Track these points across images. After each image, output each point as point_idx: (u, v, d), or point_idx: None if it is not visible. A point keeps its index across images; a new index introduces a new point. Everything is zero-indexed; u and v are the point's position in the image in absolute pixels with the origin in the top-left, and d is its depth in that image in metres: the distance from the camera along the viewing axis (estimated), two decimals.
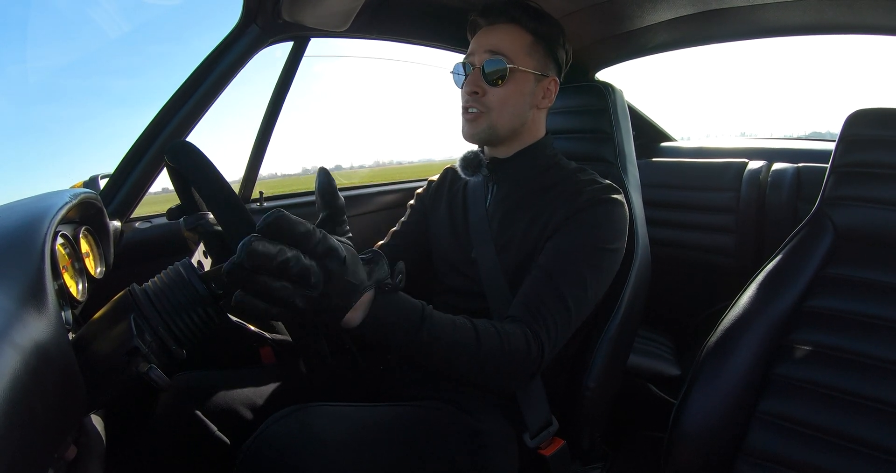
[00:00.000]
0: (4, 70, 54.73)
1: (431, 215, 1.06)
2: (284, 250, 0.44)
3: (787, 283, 0.85)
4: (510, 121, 0.89)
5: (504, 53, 0.86)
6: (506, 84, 0.87)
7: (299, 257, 0.45)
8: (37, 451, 0.36)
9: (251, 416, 0.83)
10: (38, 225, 0.52)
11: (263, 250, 0.43)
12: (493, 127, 0.89)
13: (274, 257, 0.43)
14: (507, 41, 0.88)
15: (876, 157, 0.85)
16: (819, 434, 0.74)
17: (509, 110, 0.89)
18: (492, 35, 0.89)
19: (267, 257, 0.43)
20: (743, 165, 1.59)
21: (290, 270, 0.44)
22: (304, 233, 0.46)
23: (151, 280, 0.56)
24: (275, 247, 0.43)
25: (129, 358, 0.49)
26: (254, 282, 0.44)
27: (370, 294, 0.57)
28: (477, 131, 0.90)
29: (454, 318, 0.67)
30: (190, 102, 1.04)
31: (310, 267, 0.46)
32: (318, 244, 0.47)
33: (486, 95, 0.88)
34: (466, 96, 0.89)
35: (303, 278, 0.46)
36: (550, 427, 0.86)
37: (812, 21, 1.17)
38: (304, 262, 0.45)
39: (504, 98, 0.88)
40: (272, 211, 0.45)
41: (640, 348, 1.53)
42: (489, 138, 0.91)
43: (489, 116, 0.88)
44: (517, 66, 0.87)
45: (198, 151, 0.61)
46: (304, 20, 1.05)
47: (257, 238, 0.43)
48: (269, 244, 0.43)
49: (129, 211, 1.06)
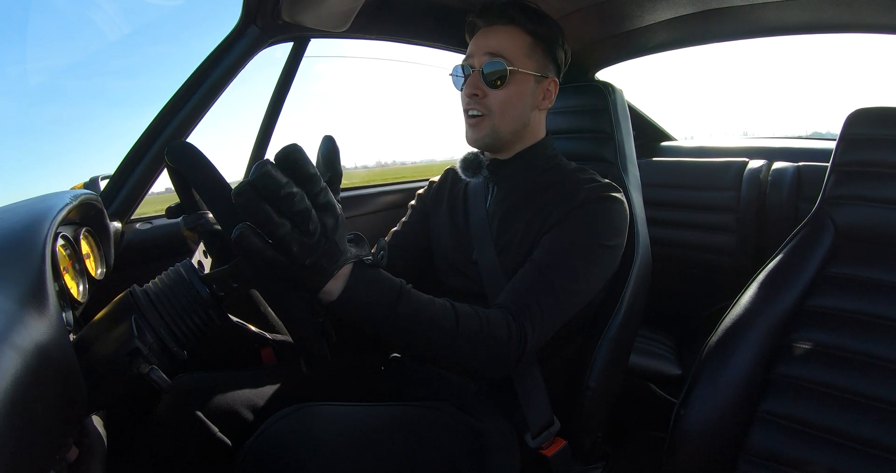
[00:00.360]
0: (4, 70, 54.50)
1: (432, 216, 1.06)
2: (292, 183, 0.44)
3: (788, 282, 0.85)
4: (512, 123, 0.89)
5: (503, 55, 0.86)
6: (506, 86, 0.87)
7: (304, 196, 0.45)
8: (38, 452, 0.36)
9: (252, 417, 0.83)
10: (38, 226, 0.52)
11: (276, 176, 0.43)
12: (496, 130, 0.88)
13: (282, 187, 0.43)
14: (506, 43, 0.87)
15: (876, 156, 0.85)
16: (820, 433, 0.74)
17: (511, 113, 0.88)
18: (491, 37, 0.88)
19: (276, 184, 0.43)
20: (743, 164, 1.59)
21: (294, 206, 0.45)
22: (312, 174, 0.46)
23: (152, 281, 0.56)
24: (285, 178, 0.43)
25: (130, 359, 0.49)
26: (258, 210, 0.44)
27: (349, 267, 0.56)
28: (481, 137, 0.89)
29: (434, 298, 0.66)
30: (190, 103, 1.04)
31: (309, 210, 0.46)
32: (320, 193, 0.47)
33: (487, 97, 0.87)
34: (467, 99, 0.89)
35: (302, 221, 0.46)
36: (552, 427, 0.86)
37: (811, 20, 1.17)
38: (306, 202, 0.45)
39: (505, 100, 0.87)
40: (289, 144, 0.45)
41: (641, 347, 1.53)
42: (493, 143, 0.91)
43: (491, 120, 0.88)
44: (517, 68, 0.86)
45: (198, 151, 0.61)
46: (304, 21, 1.05)
47: (272, 165, 0.43)
48: (281, 174, 0.43)
49: (130, 212, 1.06)
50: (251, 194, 0.43)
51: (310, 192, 0.46)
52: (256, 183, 0.43)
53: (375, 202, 1.58)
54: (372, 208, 1.57)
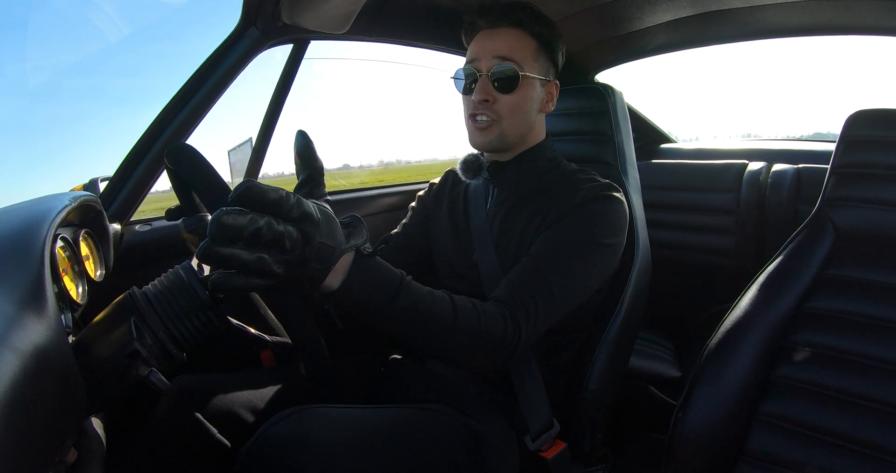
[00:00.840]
0: (4, 70, 54.67)
1: (433, 218, 1.06)
2: (255, 218, 0.44)
3: (788, 284, 0.85)
4: (519, 128, 0.89)
5: (514, 59, 0.85)
6: (516, 91, 0.85)
7: (271, 223, 0.45)
8: (37, 455, 0.36)
9: (251, 419, 0.83)
10: (37, 228, 0.52)
11: (233, 223, 0.43)
12: (504, 135, 0.88)
13: (244, 228, 0.44)
14: (515, 46, 0.86)
15: (876, 157, 0.85)
16: (820, 435, 0.74)
17: (519, 118, 0.87)
18: (498, 40, 0.87)
19: (238, 228, 0.43)
20: (743, 166, 1.59)
21: (262, 237, 0.45)
22: (275, 200, 0.46)
23: (151, 283, 0.56)
24: (245, 217, 0.44)
25: (129, 361, 0.49)
26: (228, 259, 0.44)
27: (349, 257, 0.57)
28: (489, 140, 0.88)
29: (433, 290, 0.66)
30: (190, 105, 1.04)
31: (283, 232, 0.46)
32: (291, 209, 0.47)
33: (497, 102, 0.86)
34: (475, 104, 0.87)
35: (277, 244, 0.46)
36: (552, 430, 0.85)
37: (811, 22, 1.17)
38: (276, 228, 0.46)
39: (515, 106, 0.86)
40: (242, 181, 0.45)
41: (640, 350, 1.53)
42: (499, 147, 0.90)
43: (500, 125, 0.87)
44: (526, 72, 0.85)
45: (197, 153, 0.61)
46: (304, 23, 1.05)
47: (226, 211, 0.43)
48: (238, 216, 0.43)
49: (129, 214, 1.06)
50: (214, 250, 0.44)
51: (279, 214, 0.47)
52: (216, 237, 0.43)
53: (375, 204, 1.58)
54: (372, 210, 1.57)
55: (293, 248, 0.48)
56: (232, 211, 0.44)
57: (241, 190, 0.45)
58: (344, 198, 1.56)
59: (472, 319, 0.67)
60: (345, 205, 1.53)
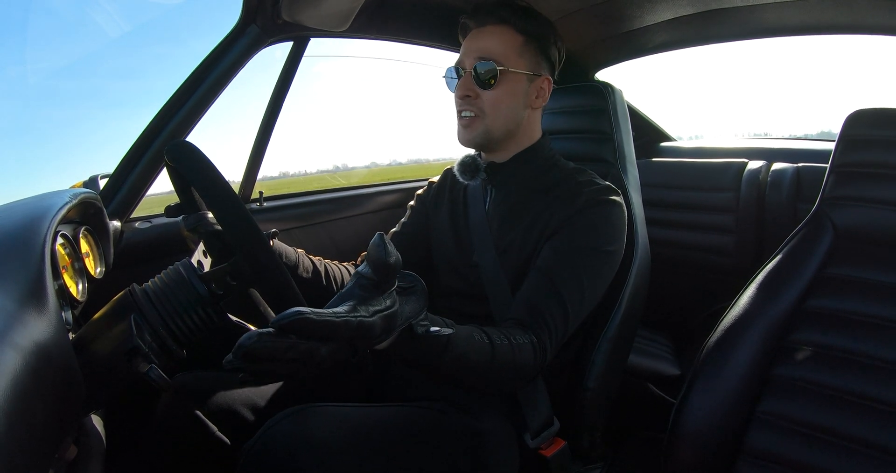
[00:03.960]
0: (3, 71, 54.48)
1: (433, 217, 1.05)
2: (296, 345, 0.41)
3: (787, 283, 0.85)
4: (504, 123, 0.89)
5: (494, 56, 0.86)
6: (497, 86, 0.86)
7: (315, 349, 0.43)
8: (37, 451, 0.36)
9: (252, 417, 0.83)
10: (38, 225, 0.52)
11: (265, 349, 0.40)
12: (489, 130, 0.88)
13: (282, 352, 0.41)
14: (497, 43, 0.87)
15: (875, 157, 0.85)
16: (819, 434, 0.74)
17: (503, 112, 0.88)
18: (481, 38, 0.88)
19: (272, 352, 0.41)
20: (742, 165, 1.59)
21: (300, 356, 0.43)
22: (328, 332, 0.42)
23: (151, 280, 0.56)
24: (284, 342, 0.41)
25: (129, 358, 0.49)
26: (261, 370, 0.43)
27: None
28: (473, 136, 0.89)
29: (472, 333, 0.65)
30: (190, 102, 1.04)
31: (318, 352, 0.43)
32: (348, 331, 0.44)
33: (479, 97, 0.87)
34: (459, 100, 0.89)
35: (311, 362, 0.44)
36: (551, 428, 0.86)
37: (812, 21, 1.17)
38: (321, 352, 0.43)
39: (496, 100, 0.87)
40: (290, 312, 0.40)
41: (639, 348, 1.53)
42: (485, 142, 0.90)
43: (483, 120, 0.88)
44: (507, 67, 0.86)
45: (197, 150, 0.61)
46: (304, 20, 1.05)
47: (260, 339, 0.40)
48: (275, 340, 0.41)
49: (129, 211, 1.06)
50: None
51: (331, 338, 0.43)
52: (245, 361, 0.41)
53: (374, 202, 1.58)
54: (371, 208, 1.57)
55: (322, 360, 0.45)
56: (268, 336, 0.40)
57: (287, 322, 0.40)
58: (343, 196, 1.56)
59: (508, 357, 0.69)
60: (344, 203, 1.54)
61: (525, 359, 0.71)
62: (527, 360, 0.71)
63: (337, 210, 1.51)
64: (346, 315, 0.44)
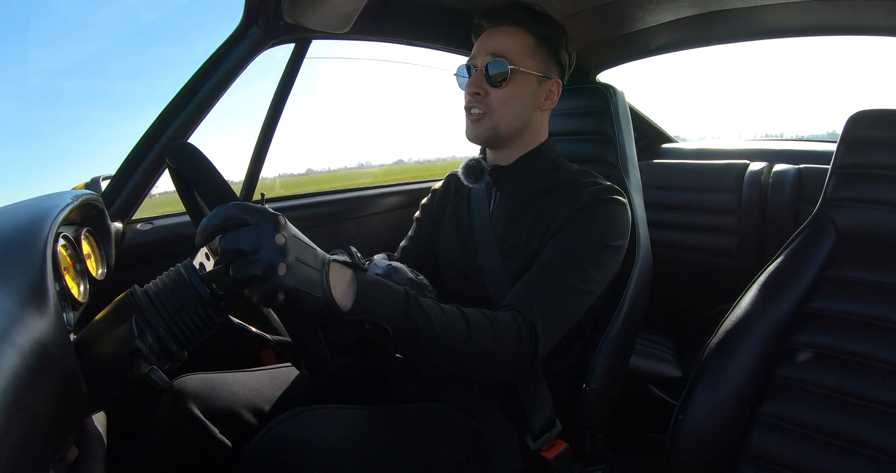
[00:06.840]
0: (5, 71, 54.85)
1: (438, 224, 1.06)
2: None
3: (789, 284, 0.85)
4: (512, 122, 0.90)
5: (506, 55, 0.87)
6: (507, 85, 0.87)
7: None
8: (38, 452, 0.36)
9: (252, 418, 0.83)
10: (39, 227, 0.52)
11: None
12: (496, 128, 0.89)
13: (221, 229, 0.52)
14: (509, 43, 0.88)
15: (877, 158, 0.85)
16: (821, 436, 0.74)
17: (511, 111, 0.89)
18: (494, 38, 0.90)
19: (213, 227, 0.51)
20: (744, 166, 1.58)
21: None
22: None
23: (153, 282, 0.56)
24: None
25: (130, 360, 0.49)
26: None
27: (350, 275, 0.60)
28: (480, 132, 0.90)
29: (443, 306, 0.68)
30: (192, 104, 1.04)
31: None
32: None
33: (488, 96, 0.88)
34: (469, 97, 0.90)
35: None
36: (553, 430, 0.86)
37: (813, 22, 1.17)
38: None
39: (505, 99, 0.88)
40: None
41: (641, 349, 1.53)
42: (492, 139, 0.91)
43: (491, 117, 0.89)
44: (518, 67, 0.87)
45: (198, 152, 0.61)
46: (306, 22, 1.05)
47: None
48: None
49: (131, 213, 1.06)
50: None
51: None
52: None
53: (381, 203, 1.59)
54: (377, 209, 1.58)
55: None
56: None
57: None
58: (349, 197, 1.57)
59: (488, 337, 0.68)
60: (351, 204, 1.54)
61: (508, 341, 0.70)
62: (510, 341, 0.70)
63: (341, 212, 1.52)
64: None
